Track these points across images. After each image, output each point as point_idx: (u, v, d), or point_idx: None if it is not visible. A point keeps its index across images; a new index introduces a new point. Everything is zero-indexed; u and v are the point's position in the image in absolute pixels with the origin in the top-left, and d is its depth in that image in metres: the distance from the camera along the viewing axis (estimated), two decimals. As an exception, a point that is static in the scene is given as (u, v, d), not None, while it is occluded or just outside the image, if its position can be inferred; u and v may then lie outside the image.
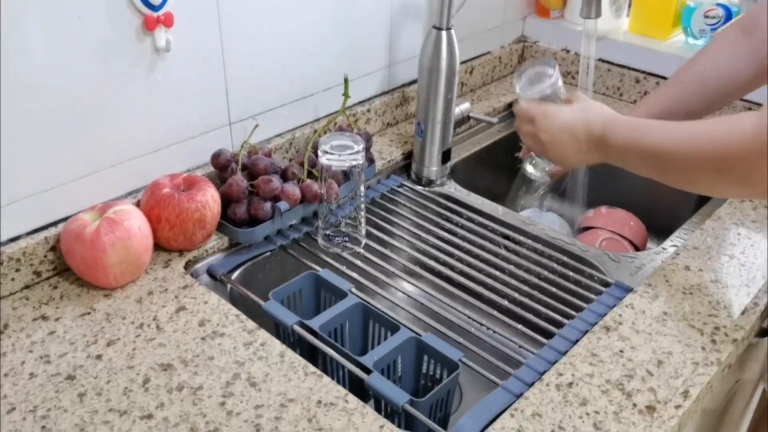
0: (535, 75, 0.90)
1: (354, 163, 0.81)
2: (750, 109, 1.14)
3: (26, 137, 0.72)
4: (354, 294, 0.77)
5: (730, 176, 0.64)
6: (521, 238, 0.91)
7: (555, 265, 0.86)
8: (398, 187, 1.03)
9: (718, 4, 1.20)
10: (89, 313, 0.73)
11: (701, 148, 0.66)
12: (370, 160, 0.92)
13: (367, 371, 0.67)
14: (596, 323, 0.74)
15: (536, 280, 0.84)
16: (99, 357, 0.68)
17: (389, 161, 1.05)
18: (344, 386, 0.68)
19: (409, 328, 0.73)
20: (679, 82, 0.88)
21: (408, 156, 1.07)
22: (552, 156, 0.83)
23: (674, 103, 0.88)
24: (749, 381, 0.96)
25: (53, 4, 0.70)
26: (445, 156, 1.05)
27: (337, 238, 0.87)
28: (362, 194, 0.86)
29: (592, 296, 0.80)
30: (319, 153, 0.81)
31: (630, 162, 0.75)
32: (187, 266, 0.81)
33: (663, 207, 1.06)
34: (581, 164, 0.83)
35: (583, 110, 0.80)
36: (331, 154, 0.81)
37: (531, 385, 0.67)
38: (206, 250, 0.84)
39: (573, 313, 0.78)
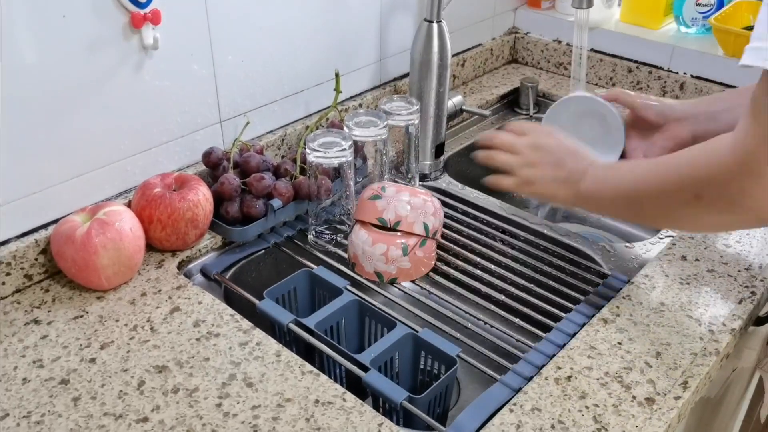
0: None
1: (342, 159, 0.81)
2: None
3: (13, 139, 0.71)
4: (349, 291, 0.77)
5: (714, 202, 0.61)
6: (517, 231, 0.91)
7: (551, 258, 0.86)
8: (392, 182, 1.02)
9: (710, -8, 1.20)
10: (82, 316, 0.72)
11: (679, 176, 0.63)
12: (363, 158, 0.91)
13: (365, 369, 0.67)
14: (594, 315, 0.74)
15: (533, 274, 0.83)
16: (93, 360, 0.67)
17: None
18: (341, 384, 0.67)
19: (405, 324, 0.73)
20: None
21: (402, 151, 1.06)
22: (531, 174, 0.77)
23: None
24: (746, 369, 0.96)
25: (38, 3, 0.68)
26: (439, 150, 1.05)
27: (325, 235, 0.86)
28: (352, 190, 0.85)
29: (589, 288, 0.80)
30: (307, 150, 0.81)
31: (604, 202, 0.73)
32: (180, 266, 0.81)
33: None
34: (550, 196, 0.77)
35: (573, 144, 0.78)
36: (318, 151, 0.80)
37: (530, 379, 0.67)
38: (199, 250, 0.83)
39: (570, 305, 0.77)
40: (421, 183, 1.02)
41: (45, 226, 0.77)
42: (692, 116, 0.84)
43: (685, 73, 1.19)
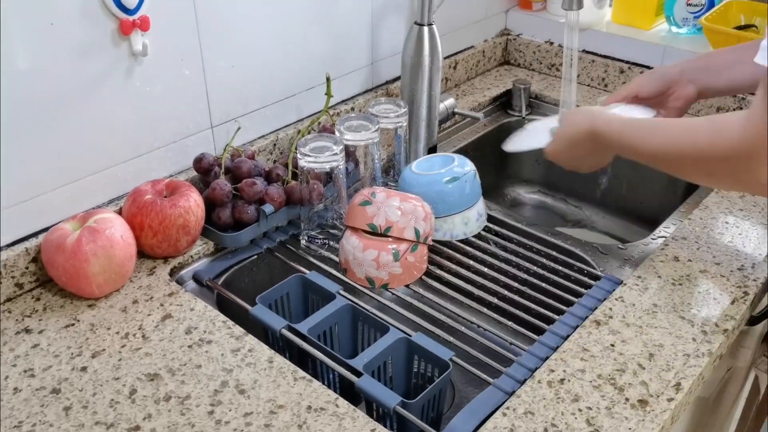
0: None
1: (334, 164, 0.81)
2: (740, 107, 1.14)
3: (2, 146, 0.71)
4: (342, 296, 0.76)
5: (721, 178, 0.67)
6: (509, 233, 0.91)
7: (544, 260, 0.86)
8: (384, 186, 1.02)
9: (700, -8, 1.20)
10: (73, 325, 0.72)
11: (688, 151, 0.66)
12: (356, 162, 0.91)
13: (358, 374, 0.66)
14: (587, 318, 0.74)
15: (525, 276, 0.83)
16: (84, 369, 0.66)
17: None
18: (334, 390, 0.67)
19: (398, 328, 0.73)
20: None
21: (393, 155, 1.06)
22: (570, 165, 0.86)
23: None
24: (741, 368, 0.96)
25: (25, 11, 0.68)
26: (431, 153, 1.05)
27: (317, 240, 0.86)
28: (344, 195, 0.85)
29: (582, 290, 0.80)
30: (299, 155, 0.81)
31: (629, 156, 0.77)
32: (172, 273, 0.80)
33: (650, 197, 1.05)
34: (597, 164, 0.84)
35: (569, 118, 0.83)
36: (310, 156, 0.80)
37: (523, 382, 0.66)
38: (191, 256, 0.83)
39: (563, 308, 0.77)
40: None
41: (35, 234, 0.77)
42: (692, 74, 0.88)
43: (676, 74, 1.18)
